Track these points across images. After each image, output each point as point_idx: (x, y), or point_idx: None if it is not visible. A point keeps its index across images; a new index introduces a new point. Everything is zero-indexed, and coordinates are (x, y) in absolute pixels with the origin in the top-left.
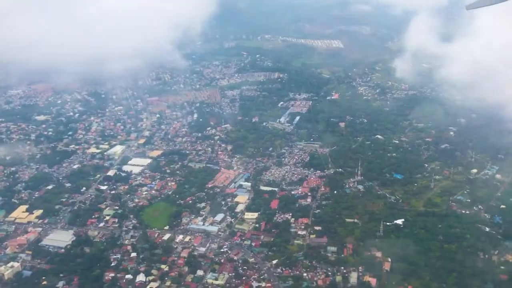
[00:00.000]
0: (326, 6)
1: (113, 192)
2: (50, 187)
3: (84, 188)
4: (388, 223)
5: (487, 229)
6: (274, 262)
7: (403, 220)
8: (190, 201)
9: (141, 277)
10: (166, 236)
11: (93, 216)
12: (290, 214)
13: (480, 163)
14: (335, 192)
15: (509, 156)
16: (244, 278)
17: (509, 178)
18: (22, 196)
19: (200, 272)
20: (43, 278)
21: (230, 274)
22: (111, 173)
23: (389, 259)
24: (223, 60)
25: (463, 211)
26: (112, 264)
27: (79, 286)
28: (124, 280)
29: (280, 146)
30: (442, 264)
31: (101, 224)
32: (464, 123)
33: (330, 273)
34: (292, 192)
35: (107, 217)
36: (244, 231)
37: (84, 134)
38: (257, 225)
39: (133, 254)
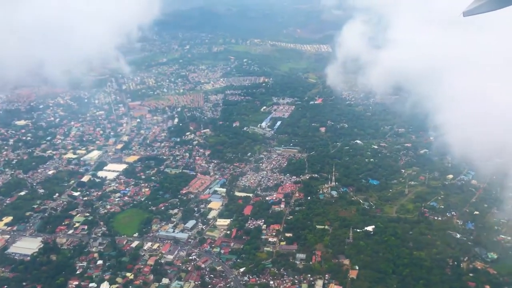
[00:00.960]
0: (317, 12)
1: (85, 198)
2: (22, 193)
3: (57, 194)
4: (358, 230)
5: (458, 235)
6: (242, 270)
7: (373, 226)
8: (162, 208)
9: (105, 286)
10: (135, 244)
11: (63, 223)
12: (263, 220)
13: (457, 169)
14: (309, 198)
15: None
16: (210, 286)
17: (484, 184)
18: None
19: (165, 280)
20: (5, 287)
21: (196, 283)
22: (85, 179)
23: (357, 267)
24: (210, 65)
25: (436, 218)
26: (78, 272)
27: None
28: None
29: (259, 151)
30: (410, 272)
31: (70, 231)
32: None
33: (296, 281)
34: (267, 198)
35: (77, 224)
36: (214, 238)
37: (62, 139)
38: (228, 232)
39: (100, 262)
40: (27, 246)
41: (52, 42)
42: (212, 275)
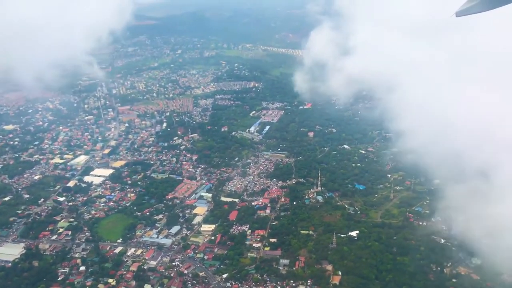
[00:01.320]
0: (311, 16)
1: (70, 203)
2: (7, 198)
3: (42, 199)
4: (342, 235)
5: (442, 241)
6: (225, 276)
7: (357, 232)
8: (147, 213)
9: None
10: (118, 249)
11: (47, 229)
12: (248, 225)
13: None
14: (295, 203)
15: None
16: None
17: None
18: None
19: (148, 287)
20: None
21: None
22: (71, 184)
23: (340, 272)
24: (201, 69)
25: (420, 223)
26: (59, 279)
27: None
28: None
29: (247, 156)
30: (393, 277)
31: (54, 237)
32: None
33: (279, 287)
34: (253, 203)
35: (61, 230)
36: (198, 244)
37: (50, 144)
38: (212, 238)
39: (82, 268)
40: (9, 252)
41: (23, 46)
42: (194, 281)
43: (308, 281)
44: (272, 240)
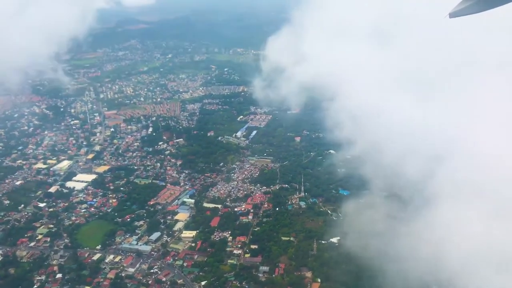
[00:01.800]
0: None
1: (51, 209)
2: None
3: (22, 205)
4: (323, 242)
5: None
6: (203, 283)
7: (338, 238)
8: (128, 219)
9: None
10: (96, 256)
11: (26, 235)
12: (229, 232)
13: None
14: (277, 209)
15: None
16: None
17: None
18: None
19: None
20: None
21: None
22: (52, 189)
23: (319, 279)
24: (190, 74)
25: None
26: (35, 286)
27: None
28: None
29: (232, 161)
30: (374, 284)
31: (32, 243)
32: None
33: None
34: (235, 209)
35: (40, 236)
36: (178, 250)
37: (34, 149)
38: (193, 244)
39: (59, 275)
40: None
41: None
42: None
43: None
44: (253, 246)
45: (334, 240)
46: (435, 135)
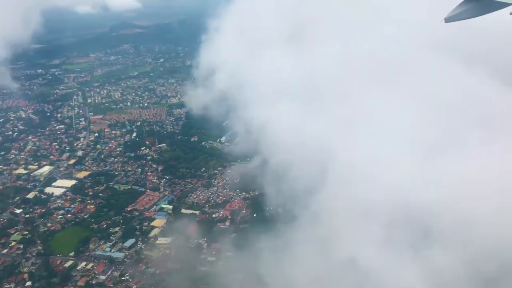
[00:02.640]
0: None
1: (27, 216)
2: None
3: None
4: None
5: None
6: None
7: None
8: (104, 226)
9: None
10: (68, 263)
11: None
12: (205, 239)
13: None
14: (255, 215)
15: None
16: None
17: None
18: None
19: None
20: None
21: None
22: (31, 195)
23: None
24: (180, 78)
25: None
26: None
27: None
28: None
29: (214, 166)
30: None
31: (5, 250)
32: None
33: None
34: (213, 216)
35: (13, 243)
36: (151, 257)
37: (16, 154)
38: (167, 251)
39: (29, 283)
40: None
41: None
42: None
43: None
44: (228, 253)
45: None
46: (318, 147)
